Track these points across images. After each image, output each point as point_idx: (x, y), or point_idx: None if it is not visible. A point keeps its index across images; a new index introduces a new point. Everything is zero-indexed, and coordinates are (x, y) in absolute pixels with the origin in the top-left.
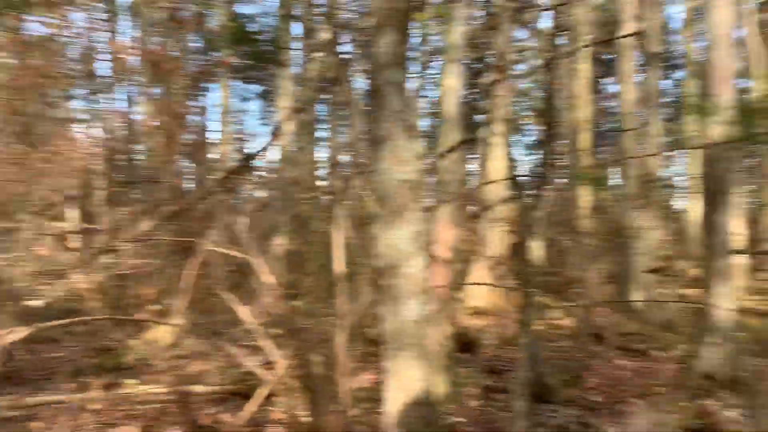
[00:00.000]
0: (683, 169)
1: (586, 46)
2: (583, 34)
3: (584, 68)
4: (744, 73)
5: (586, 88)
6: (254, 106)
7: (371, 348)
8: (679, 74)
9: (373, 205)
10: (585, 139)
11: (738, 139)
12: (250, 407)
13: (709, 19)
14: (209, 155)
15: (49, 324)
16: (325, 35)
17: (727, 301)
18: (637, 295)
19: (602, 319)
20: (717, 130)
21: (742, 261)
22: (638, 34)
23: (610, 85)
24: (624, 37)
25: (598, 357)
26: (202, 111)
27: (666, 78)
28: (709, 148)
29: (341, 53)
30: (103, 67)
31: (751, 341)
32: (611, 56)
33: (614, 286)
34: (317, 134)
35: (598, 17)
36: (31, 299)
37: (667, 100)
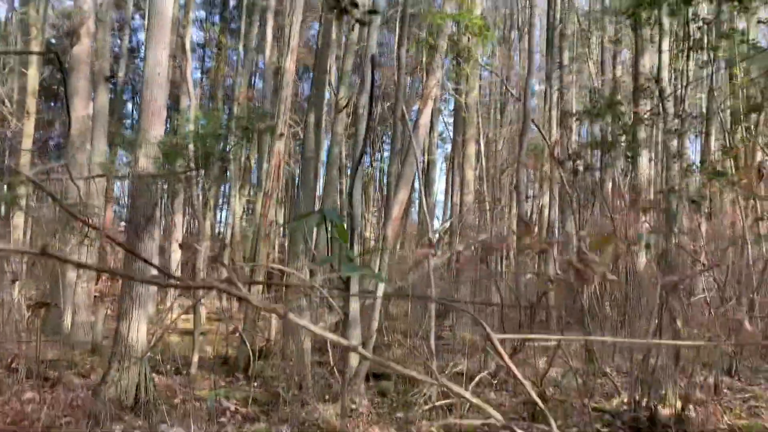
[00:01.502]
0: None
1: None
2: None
3: (32, 74)
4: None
5: (32, 96)
6: None
7: None
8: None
9: None
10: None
11: (159, 173)
12: None
13: (146, 57)
14: None
15: None
16: None
17: (139, 325)
18: (67, 316)
19: (18, 346)
20: (143, 162)
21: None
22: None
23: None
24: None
25: (6, 390)
26: None
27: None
28: (134, 179)
29: None
30: None
31: (166, 360)
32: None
33: (45, 311)
34: None
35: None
36: None
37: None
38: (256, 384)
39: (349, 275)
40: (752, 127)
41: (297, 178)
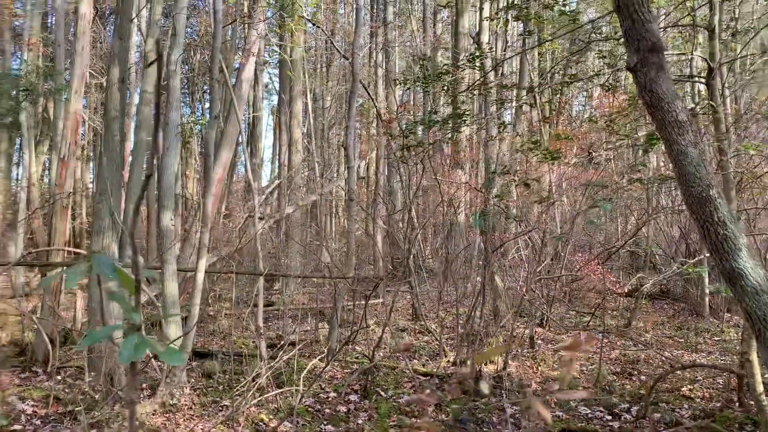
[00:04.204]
0: None
1: None
2: None
3: None
4: None
5: None
6: None
7: None
8: None
9: None
10: None
11: None
12: None
13: None
14: None
15: None
16: None
17: None
18: None
19: None
20: None
21: None
22: None
23: None
24: None
25: None
26: None
27: None
28: None
29: None
30: None
31: None
32: None
33: None
34: None
35: None
36: None
37: None
38: (59, 378)
39: (133, 358)
40: (559, 95)
41: None
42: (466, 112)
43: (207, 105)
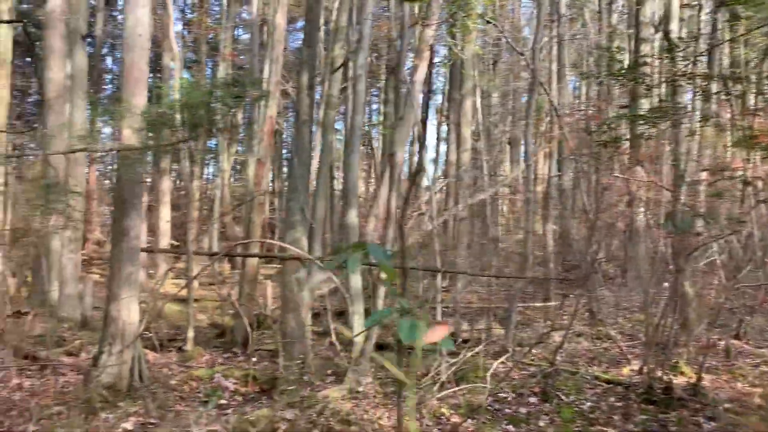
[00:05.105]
0: None
1: None
2: None
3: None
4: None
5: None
6: None
7: None
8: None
9: None
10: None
11: (145, 146)
12: None
13: (126, 17)
14: None
15: None
16: None
17: (131, 307)
18: (53, 288)
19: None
20: (127, 134)
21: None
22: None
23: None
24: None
25: None
26: None
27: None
28: (120, 152)
29: None
30: None
31: (160, 333)
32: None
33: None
34: None
35: None
36: None
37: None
38: (254, 359)
39: (410, 343)
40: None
41: (286, 136)
42: (677, 105)
43: (374, 107)
